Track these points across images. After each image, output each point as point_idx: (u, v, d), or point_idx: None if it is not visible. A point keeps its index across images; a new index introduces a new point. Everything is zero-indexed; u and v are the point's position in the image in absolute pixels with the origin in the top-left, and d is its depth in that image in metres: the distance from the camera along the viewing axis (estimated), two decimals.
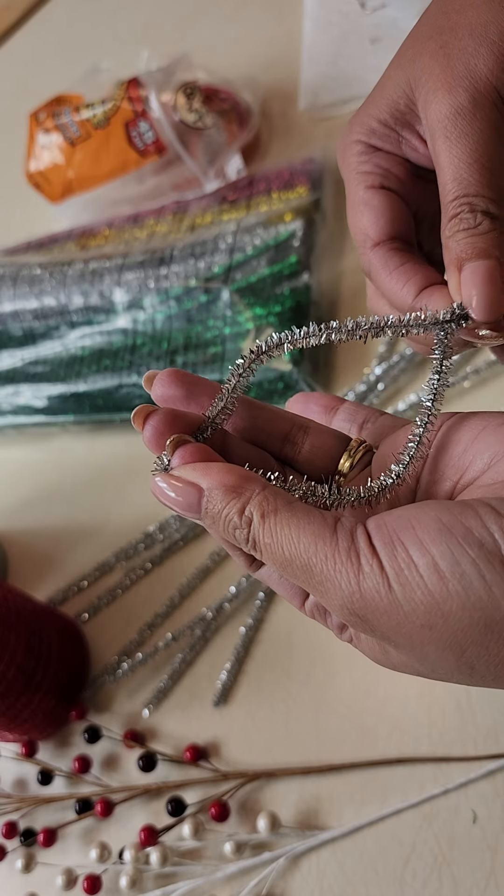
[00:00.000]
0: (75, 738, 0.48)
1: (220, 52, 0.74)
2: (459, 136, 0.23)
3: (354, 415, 0.27)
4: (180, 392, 0.24)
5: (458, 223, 0.23)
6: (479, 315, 0.23)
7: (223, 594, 0.48)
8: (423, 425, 0.23)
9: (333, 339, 0.23)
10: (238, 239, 0.54)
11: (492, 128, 0.23)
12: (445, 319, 0.23)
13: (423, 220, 0.28)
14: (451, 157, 0.23)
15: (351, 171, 0.27)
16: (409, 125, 0.26)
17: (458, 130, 0.23)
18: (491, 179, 0.23)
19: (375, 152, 0.27)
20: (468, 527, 0.19)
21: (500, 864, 0.36)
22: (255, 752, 0.43)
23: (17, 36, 0.98)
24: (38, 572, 0.55)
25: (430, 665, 0.21)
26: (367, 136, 0.26)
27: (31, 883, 0.45)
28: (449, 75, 0.23)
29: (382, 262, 0.26)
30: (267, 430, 0.26)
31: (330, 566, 0.20)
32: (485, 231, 0.23)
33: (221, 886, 0.41)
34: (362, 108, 0.27)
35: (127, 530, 0.54)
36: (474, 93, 0.23)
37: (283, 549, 0.21)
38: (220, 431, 0.24)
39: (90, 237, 0.64)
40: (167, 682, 0.47)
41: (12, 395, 0.59)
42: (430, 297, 0.24)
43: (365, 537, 0.21)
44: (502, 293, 0.23)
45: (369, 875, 0.38)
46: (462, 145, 0.23)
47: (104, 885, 0.42)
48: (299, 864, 0.40)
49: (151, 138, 0.62)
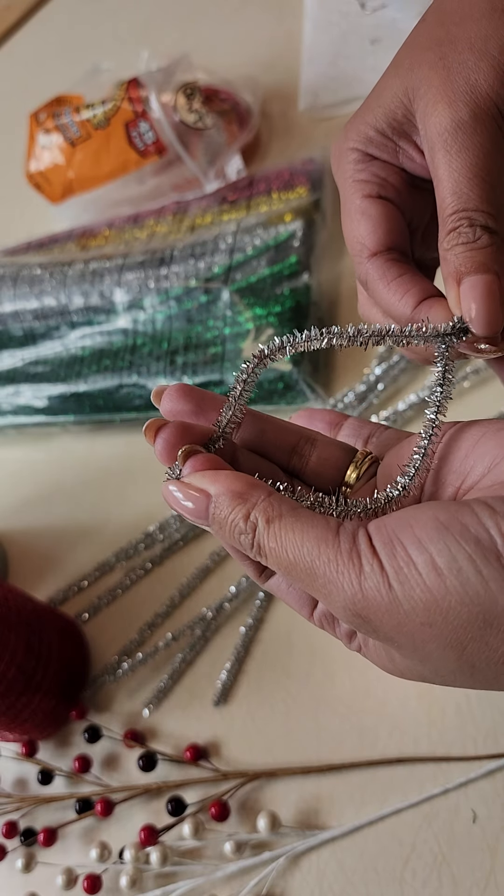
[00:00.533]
0: (75, 738, 0.48)
1: (221, 53, 0.74)
2: (459, 150, 0.23)
3: (359, 430, 0.27)
4: (189, 406, 0.24)
5: (457, 237, 0.23)
6: (479, 329, 0.23)
7: (223, 594, 0.48)
8: (429, 437, 0.23)
9: (335, 345, 0.23)
10: (238, 239, 0.54)
11: (491, 142, 0.23)
12: (446, 332, 0.23)
13: (417, 229, 0.28)
14: (451, 171, 0.23)
15: (347, 179, 0.27)
16: (406, 135, 0.26)
17: (458, 144, 0.23)
18: (490, 194, 0.23)
19: (372, 161, 0.27)
20: (465, 524, 0.20)
21: (499, 864, 0.36)
22: (255, 751, 0.43)
23: (18, 36, 0.98)
24: (39, 572, 0.56)
25: (433, 666, 0.21)
26: (363, 144, 0.26)
27: (31, 882, 0.45)
28: (449, 89, 0.23)
29: (380, 273, 0.26)
30: (275, 443, 0.26)
31: (332, 568, 0.20)
32: (483, 245, 0.23)
33: (221, 886, 0.41)
34: (358, 115, 0.27)
35: (127, 530, 0.54)
36: (474, 107, 0.23)
37: (287, 552, 0.21)
38: (229, 444, 0.25)
39: (90, 237, 0.64)
40: (167, 682, 0.47)
41: (13, 395, 0.59)
42: (430, 310, 0.25)
43: (366, 539, 0.21)
44: (501, 307, 0.23)
45: (369, 874, 0.38)
46: (462, 159, 0.23)
47: (104, 885, 0.42)
48: (299, 864, 0.40)
49: (151, 139, 0.62)
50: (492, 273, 0.23)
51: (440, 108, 0.23)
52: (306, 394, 0.50)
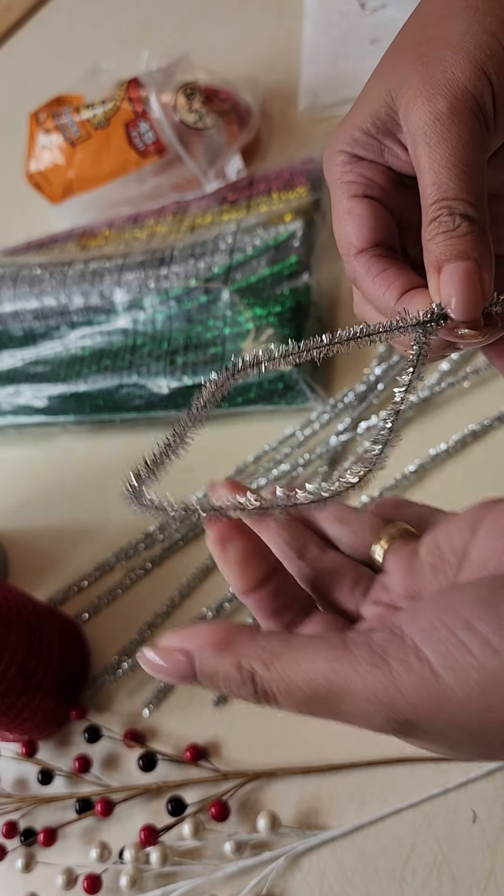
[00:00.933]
0: (75, 738, 0.48)
1: (220, 53, 0.74)
2: (439, 142, 0.23)
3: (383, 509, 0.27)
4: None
5: (438, 226, 0.23)
6: (458, 314, 0.23)
7: (223, 594, 0.48)
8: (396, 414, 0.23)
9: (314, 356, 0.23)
10: (238, 239, 0.54)
11: (470, 134, 0.23)
12: (425, 320, 0.23)
13: (409, 228, 0.28)
14: (431, 162, 0.23)
15: (335, 181, 0.27)
16: (390, 134, 0.26)
17: (437, 136, 0.23)
18: (469, 183, 0.23)
19: (359, 162, 0.27)
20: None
21: (499, 864, 0.36)
22: (255, 751, 0.43)
23: (18, 36, 0.98)
24: (39, 572, 0.56)
25: (465, 749, 0.21)
26: (350, 146, 0.27)
27: (31, 882, 0.45)
28: (428, 84, 0.24)
29: (366, 269, 0.26)
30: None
31: (358, 683, 0.19)
32: (463, 233, 0.23)
33: (221, 886, 0.41)
34: (346, 119, 0.27)
35: (127, 530, 0.54)
36: (452, 100, 0.23)
37: (301, 689, 0.20)
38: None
39: (90, 237, 0.64)
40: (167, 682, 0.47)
41: (13, 395, 0.59)
42: (412, 300, 0.25)
43: (389, 636, 0.20)
44: (480, 293, 0.23)
45: (369, 874, 0.38)
46: (441, 150, 0.23)
47: (104, 885, 0.42)
48: (299, 864, 0.40)
49: (151, 139, 0.62)
50: (471, 260, 0.23)
51: (419, 103, 0.24)
52: (306, 394, 0.50)
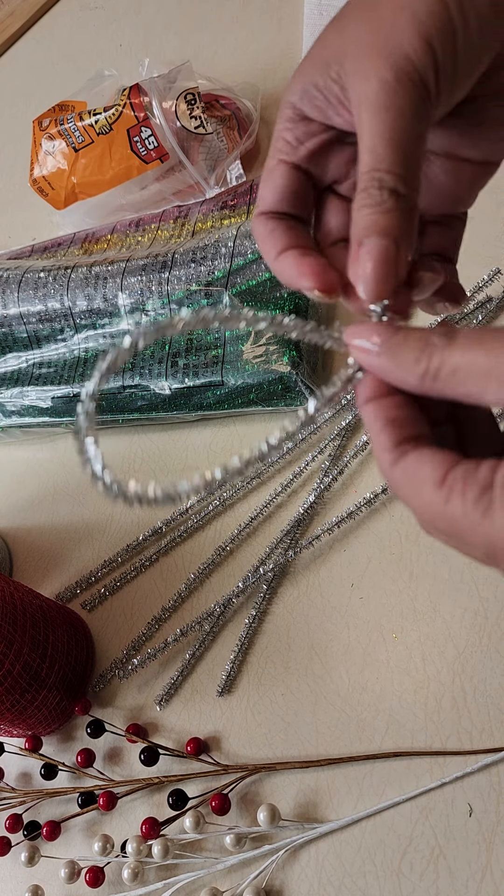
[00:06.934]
0: (79, 733, 0.49)
1: (221, 60, 0.75)
2: (378, 110, 0.23)
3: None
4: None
5: (366, 197, 0.23)
6: (365, 294, 0.23)
7: (230, 589, 0.49)
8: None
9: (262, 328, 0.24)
10: (238, 244, 0.54)
11: (411, 106, 0.23)
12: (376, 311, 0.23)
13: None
14: (370, 131, 0.23)
15: (276, 134, 0.28)
16: (336, 95, 0.26)
17: (378, 104, 0.23)
18: (402, 157, 0.23)
19: (301, 121, 0.27)
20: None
21: (495, 857, 0.37)
22: (255, 745, 0.44)
23: (21, 44, 0.99)
24: (43, 571, 0.56)
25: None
26: (299, 99, 0.26)
27: (35, 875, 0.45)
28: (374, 50, 0.23)
29: (259, 229, 0.27)
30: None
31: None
32: (388, 209, 0.23)
33: (222, 878, 0.41)
34: (302, 66, 0.27)
35: (130, 529, 0.54)
36: (397, 70, 0.23)
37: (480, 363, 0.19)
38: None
39: (94, 242, 0.65)
40: (178, 678, 0.47)
41: (18, 396, 0.60)
42: (286, 260, 0.25)
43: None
44: (392, 274, 0.23)
45: (367, 867, 0.39)
46: (379, 120, 0.23)
47: (107, 878, 0.43)
48: (298, 857, 0.40)
49: (154, 144, 0.63)
50: (389, 238, 0.23)
51: (364, 68, 0.23)
52: (305, 395, 0.51)
